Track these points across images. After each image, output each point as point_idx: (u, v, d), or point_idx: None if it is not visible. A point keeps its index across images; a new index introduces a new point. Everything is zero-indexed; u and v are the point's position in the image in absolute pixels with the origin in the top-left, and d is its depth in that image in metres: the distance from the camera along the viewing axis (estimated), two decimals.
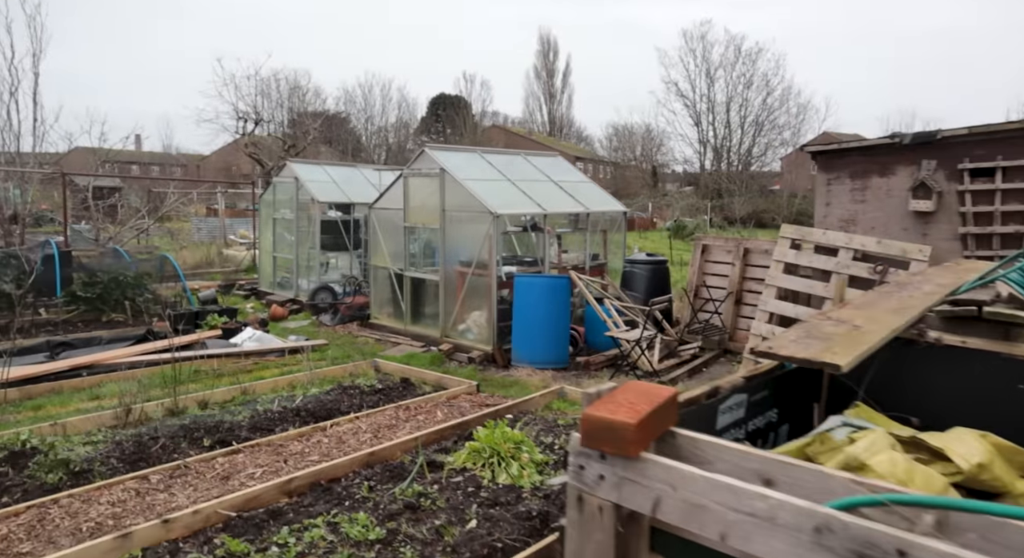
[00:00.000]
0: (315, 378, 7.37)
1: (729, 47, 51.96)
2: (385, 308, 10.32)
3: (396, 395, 6.76)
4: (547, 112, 71.97)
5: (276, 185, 12.16)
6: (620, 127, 64.06)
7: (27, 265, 9.13)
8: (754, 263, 8.95)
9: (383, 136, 65.42)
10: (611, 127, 64.41)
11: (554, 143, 64.32)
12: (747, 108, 52.60)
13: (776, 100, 52.21)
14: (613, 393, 1.54)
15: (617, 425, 1.38)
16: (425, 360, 8.46)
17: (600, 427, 1.41)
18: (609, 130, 63.42)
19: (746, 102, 52.51)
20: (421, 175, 9.21)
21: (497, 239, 8.34)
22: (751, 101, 52.45)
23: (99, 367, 7.69)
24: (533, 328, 8.17)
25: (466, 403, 6.45)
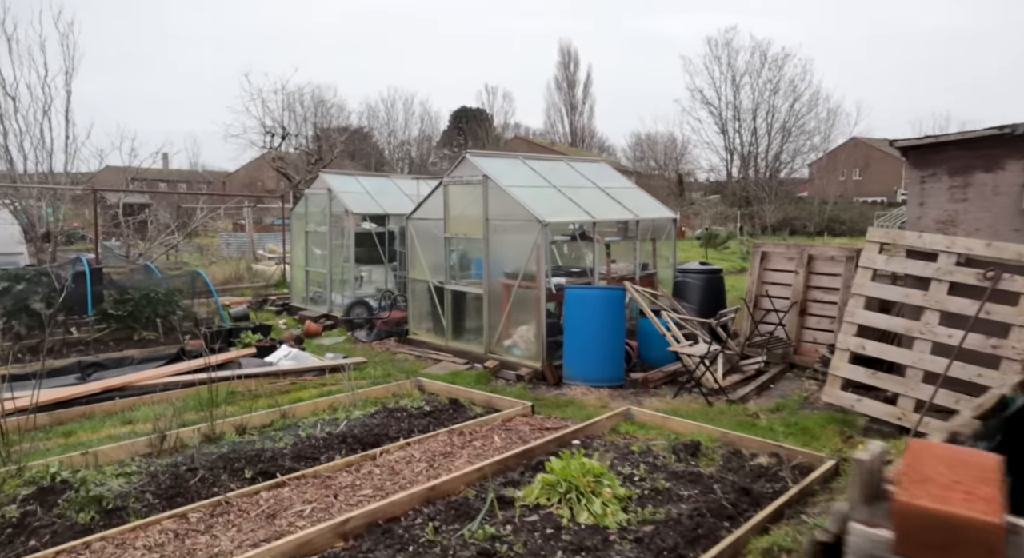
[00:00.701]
0: (357, 399, 6.91)
1: (755, 53, 51.25)
2: (424, 323, 9.86)
3: (446, 418, 6.27)
4: (568, 123, 71.64)
5: (308, 197, 11.82)
6: (643, 136, 63.53)
7: (58, 283, 8.82)
8: (819, 271, 8.36)
9: (406, 150, 65.58)
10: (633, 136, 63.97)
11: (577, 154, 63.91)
12: (774, 114, 51.74)
13: (804, 105, 51.26)
14: (913, 464, 1.02)
15: (971, 525, 0.85)
16: (470, 378, 7.98)
17: (936, 526, 0.88)
18: (631, 139, 62.84)
19: (773, 108, 51.65)
20: (462, 183, 8.77)
21: (545, 249, 7.86)
22: (778, 107, 51.57)
23: (131, 389, 7.32)
24: (586, 343, 7.66)
25: (524, 427, 5.94)
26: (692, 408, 6.62)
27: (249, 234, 20.59)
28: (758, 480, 4.47)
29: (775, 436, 5.56)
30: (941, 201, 5.32)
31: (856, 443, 5.31)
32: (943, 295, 5.06)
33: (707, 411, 6.51)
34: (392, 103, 62.53)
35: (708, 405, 6.67)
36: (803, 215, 43.13)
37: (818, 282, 8.32)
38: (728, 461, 4.76)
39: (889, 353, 5.43)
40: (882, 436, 5.36)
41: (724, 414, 6.41)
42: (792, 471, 4.59)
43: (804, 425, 5.81)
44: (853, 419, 5.73)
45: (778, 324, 8.22)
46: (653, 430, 5.61)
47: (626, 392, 7.43)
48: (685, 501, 4.13)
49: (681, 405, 6.73)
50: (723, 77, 52.44)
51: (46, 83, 14.62)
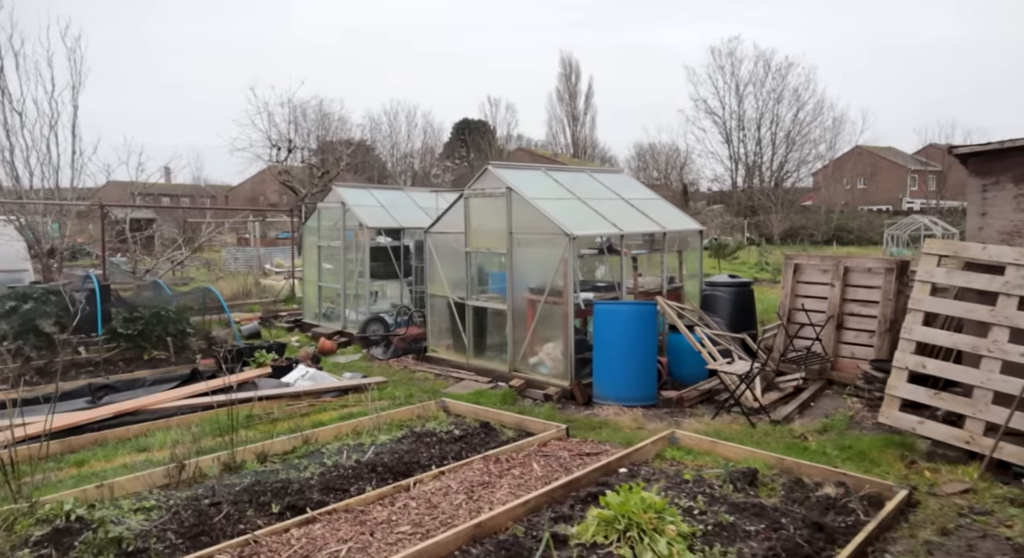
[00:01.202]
0: (381, 423, 6.60)
1: (758, 63, 51.30)
2: (443, 340, 9.56)
3: (478, 443, 5.95)
4: (570, 134, 71.67)
5: (321, 211, 11.55)
6: (644, 147, 63.45)
7: (71, 303, 8.54)
8: (855, 283, 8.06)
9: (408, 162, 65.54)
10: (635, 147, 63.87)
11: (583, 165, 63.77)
12: (778, 123, 51.65)
13: (808, 114, 51.21)
14: None
15: None
16: (495, 398, 7.66)
17: None
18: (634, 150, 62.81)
19: (777, 117, 51.59)
20: (484, 195, 8.49)
21: (574, 263, 7.56)
22: (782, 116, 51.53)
23: (145, 413, 7.01)
24: (618, 361, 7.35)
25: (562, 452, 5.62)
26: (734, 430, 6.30)
27: (256, 249, 20.32)
28: (827, 513, 4.15)
29: (830, 461, 5.24)
30: (1006, 211, 5.03)
31: (921, 469, 4.99)
32: (1012, 310, 4.76)
33: (751, 433, 6.19)
34: (395, 116, 62.52)
35: (751, 426, 6.35)
36: (810, 224, 42.86)
37: (854, 295, 8.02)
38: (791, 491, 4.44)
39: (952, 372, 5.12)
40: (948, 461, 5.05)
41: (770, 436, 6.09)
42: (861, 502, 4.26)
43: (859, 448, 5.49)
44: (912, 442, 5.41)
45: (815, 339, 7.91)
46: (702, 456, 5.29)
47: (660, 412, 7.11)
48: (754, 538, 3.81)
49: (722, 427, 6.41)
50: (727, 87, 52.49)
51: (53, 98, 14.42)
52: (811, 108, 51.04)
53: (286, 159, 24.47)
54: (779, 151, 52.15)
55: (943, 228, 30.24)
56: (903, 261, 7.84)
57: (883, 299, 7.72)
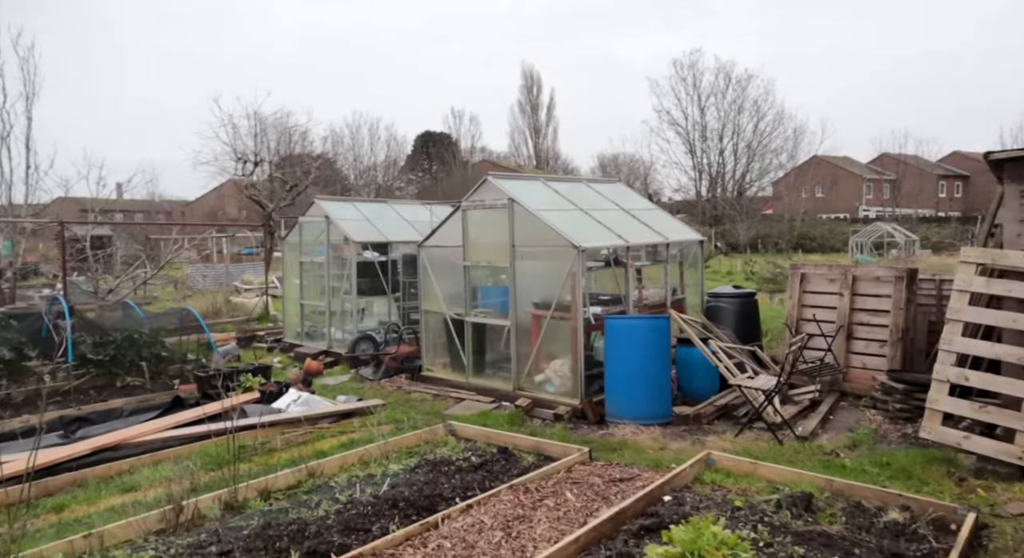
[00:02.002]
0: (389, 450, 6.18)
1: (719, 75, 52.22)
2: (439, 358, 9.16)
3: (499, 470, 5.57)
4: (533, 146, 71.91)
5: (303, 225, 11.05)
6: (606, 158, 63.97)
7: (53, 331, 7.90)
8: (863, 292, 7.95)
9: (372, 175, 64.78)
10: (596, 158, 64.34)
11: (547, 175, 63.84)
12: (739, 134, 52.59)
13: (768, 125, 52.29)
14: None
15: None
16: (502, 419, 7.30)
17: None
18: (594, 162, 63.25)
19: (738, 128, 52.55)
20: (484, 207, 8.16)
21: (582, 276, 7.27)
22: (743, 127, 52.49)
23: (126, 447, 6.44)
24: (632, 377, 7.06)
25: (593, 478, 5.28)
26: (762, 448, 6.05)
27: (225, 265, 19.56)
28: (897, 540, 3.90)
29: (874, 480, 5.02)
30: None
31: (973, 487, 4.80)
32: None
33: (780, 450, 5.95)
34: (357, 128, 61.60)
35: (778, 443, 6.11)
36: (774, 232, 43.56)
37: (863, 304, 7.91)
38: (852, 516, 4.18)
39: (997, 384, 4.96)
40: (1000, 478, 4.87)
41: (800, 453, 5.86)
42: (929, 526, 4.03)
43: (899, 465, 5.29)
44: (954, 457, 5.23)
45: (827, 350, 7.75)
46: (743, 478, 5.02)
47: (678, 430, 6.84)
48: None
49: (748, 444, 6.16)
50: (689, 98, 53.28)
51: (4, 109, 13.61)
52: (771, 119, 52.21)
53: (252, 173, 23.71)
54: (741, 161, 53.11)
55: (904, 235, 30.99)
56: (912, 269, 7.77)
57: (894, 308, 7.62)
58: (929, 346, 7.90)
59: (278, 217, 23.81)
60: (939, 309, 8.11)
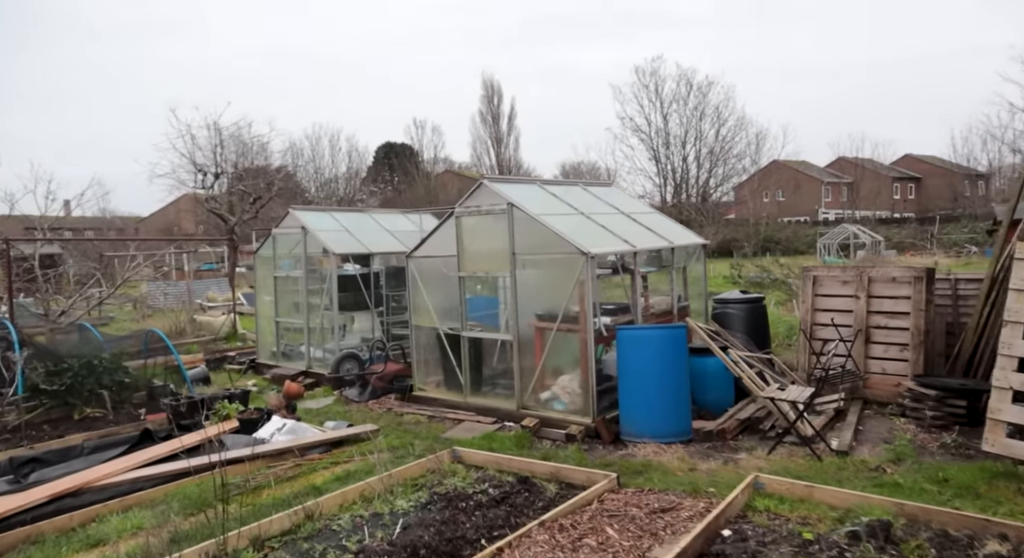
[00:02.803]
0: (394, 484, 5.54)
1: (681, 82, 52.55)
2: (431, 376, 8.53)
3: (522, 503, 4.99)
4: (495, 155, 71.66)
5: (276, 238, 10.31)
6: (568, 166, 64.02)
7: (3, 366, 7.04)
8: (879, 294, 7.61)
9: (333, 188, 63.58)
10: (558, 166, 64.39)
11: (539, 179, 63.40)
12: (702, 140, 53.01)
13: (730, 131, 52.80)
14: None
15: None
16: (508, 442, 6.72)
17: None
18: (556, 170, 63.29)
19: (701, 134, 52.96)
20: (480, 213, 7.59)
21: (592, 284, 6.75)
22: (705, 133, 52.93)
23: (90, 491, 5.66)
24: (648, 392, 6.56)
25: (631, 509, 4.74)
26: (801, 466, 5.61)
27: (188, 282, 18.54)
28: None
29: (939, 500, 4.60)
30: None
31: None
32: None
33: (820, 468, 5.51)
34: (317, 139, 60.27)
35: (817, 460, 5.67)
36: (740, 236, 43.90)
37: (879, 306, 7.57)
38: (943, 549, 3.72)
39: None
40: None
41: (844, 471, 5.42)
42: None
43: (961, 482, 4.88)
44: (1016, 471, 4.84)
45: (847, 355, 7.37)
46: (799, 504, 4.53)
47: (702, 448, 6.36)
48: None
49: (785, 462, 5.71)
50: (652, 105, 53.53)
51: None
52: (732, 124, 52.73)
53: (213, 185, 22.65)
54: (704, 166, 53.51)
55: (870, 235, 31.41)
56: (930, 269, 7.46)
57: (914, 310, 7.29)
58: (948, 349, 7.60)
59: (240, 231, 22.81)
60: (955, 310, 7.83)
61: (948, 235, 39.01)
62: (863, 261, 27.23)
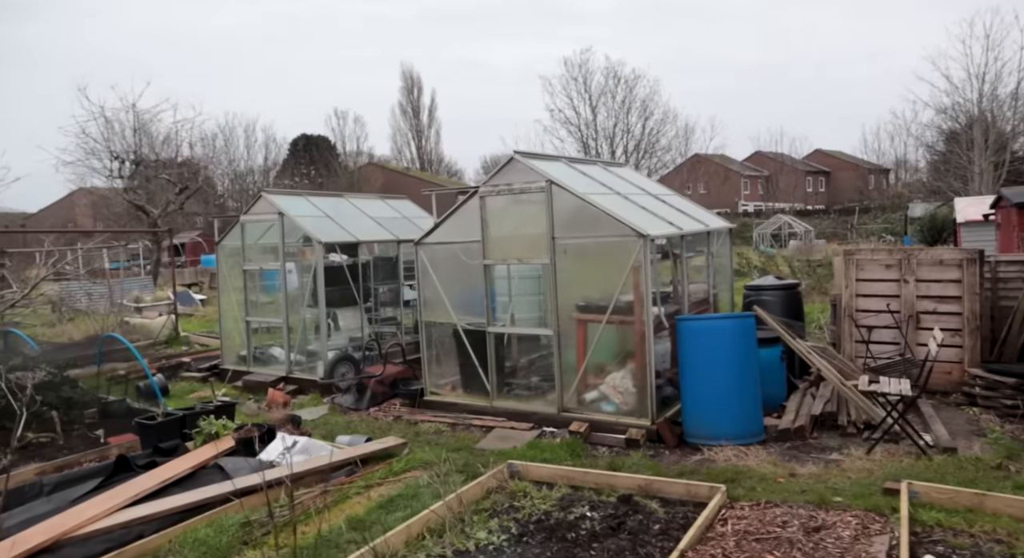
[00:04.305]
0: (462, 511, 4.62)
1: (608, 75, 52.81)
2: (446, 378, 7.57)
3: (637, 529, 4.19)
4: (416, 148, 70.12)
5: (246, 226, 8.99)
6: (488, 160, 63.32)
7: None
8: (925, 278, 7.28)
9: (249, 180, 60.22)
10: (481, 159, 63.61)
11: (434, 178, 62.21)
12: (630, 133, 53.52)
13: (656, 124, 53.56)
14: None
15: None
16: (560, 451, 5.92)
17: None
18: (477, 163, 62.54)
19: (629, 127, 53.45)
20: (511, 193, 6.70)
21: (649, 270, 6.01)
22: (633, 126, 53.45)
23: (69, 544, 4.43)
24: (718, 389, 5.91)
25: (775, 528, 4.03)
26: (912, 466, 5.09)
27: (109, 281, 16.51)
28: None
29: None
30: None
31: None
32: None
33: (936, 467, 5.01)
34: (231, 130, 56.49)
35: (927, 459, 5.17)
36: None
37: (927, 290, 7.23)
38: None
39: None
40: None
41: (964, 470, 4.93)
42: None
43: None
44: None
45: (902, 342, 6.99)
46: (973, 517, 3.95)
47: (782, 448, 5.77)
48: None
49: (889, 462, 5.20)
50: (580, 97, 53.55)
51: None
52: (659, 118, 53.52)
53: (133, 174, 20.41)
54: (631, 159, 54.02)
55: (804, 227, 32.44)
56: (980, 251, 7.17)
57: (968, 293, 6.98)
58: (992, 334, 7.35)
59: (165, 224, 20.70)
60: (995, 293, 7.60)
61: (865, 225, 40.99)
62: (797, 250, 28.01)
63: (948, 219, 29.16)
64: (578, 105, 53.53)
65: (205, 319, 16.25)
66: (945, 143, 40.40)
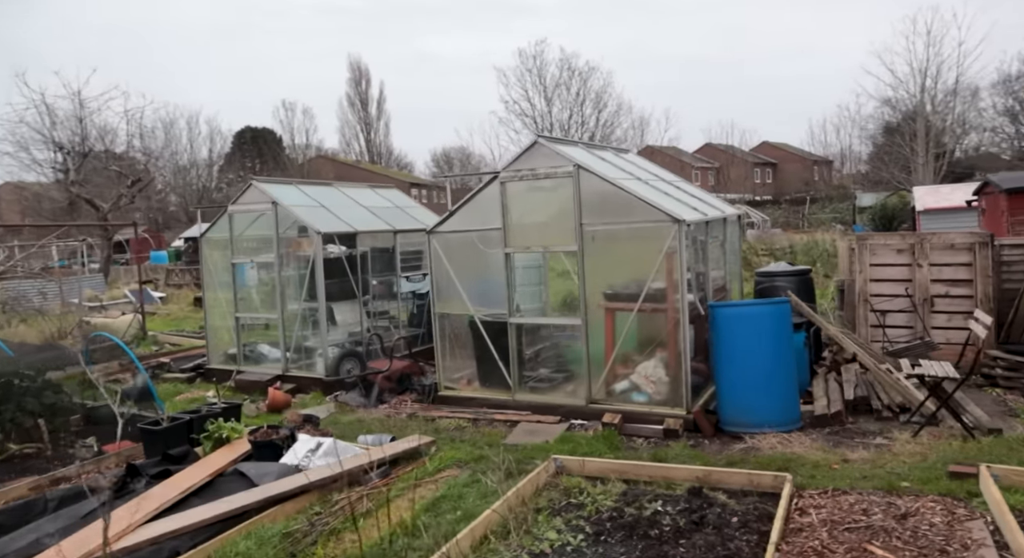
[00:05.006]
0: (524, 510, 4.37)
1: (563, 67, 52.82)
2: (461, 372, 7.29)
3: (718, 522, 4.02)
4: (364, 141, 68.91)
5: (234, 217, 8.45)
6: (438, 153, 62.79)
7: None
8: (936, 261, 7.37)
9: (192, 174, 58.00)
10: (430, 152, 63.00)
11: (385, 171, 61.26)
12: (585, 125, 53.70)
13: (611, 116, 53.90)
14: None
15: None
16: (596, 443, 5.75)
17: None
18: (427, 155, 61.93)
19: (583, 119, 53.62)
20: (534, 178, 6.44)
21: (684, 257, 5.86)
22: (588, 118, 53.65)
23: None
24: (756, 376, 5.81)
25: (862, 517, 3.92)
26: (963, 448, 5.08)
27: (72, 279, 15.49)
28: None
29: None
30: None
31: None
32: None
33: (989, 448, 5.00)
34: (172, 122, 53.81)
35: (975, 441, 5.18)
36: None
37: (939, 274, 7.32)
38: None
39: None
40: None
41: (1016, 451, 4.94)
42: None
43: None
44: None
45: (923, 326, 7.04)
46: None
47: (823, 433, 5.71)
48: None
49: (938, 445, 5.18)
50: (535, 89, 53.39)
51: None
52: (613, 110, 53.87)
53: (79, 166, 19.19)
54: None
55: (761, 216, 33.12)
56: (991, 234, 7.29)
57: (981, 276, 7.09)
58: (1000, 316, 7.50)
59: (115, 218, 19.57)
60: (997, 276, 7.75)
61: (815, 215, 42.24)
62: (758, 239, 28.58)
63: (899, 208, 30.30)
64: (533, 97, 53.36)
65: (170, 317, 15.43)
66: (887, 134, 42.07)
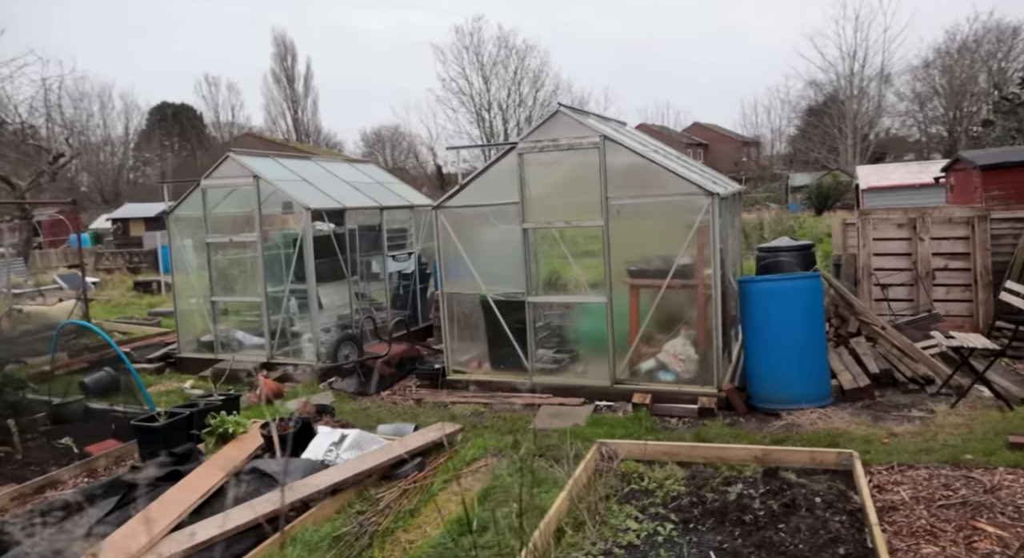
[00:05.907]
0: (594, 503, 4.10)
1: (500, 45, 52.11)
2: (470, 354, 6.93)
3: (809, 505, 3.86)
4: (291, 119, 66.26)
5: (208, 192, 7.71)
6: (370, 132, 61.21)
7: None
8: (936, 235, 7.49)
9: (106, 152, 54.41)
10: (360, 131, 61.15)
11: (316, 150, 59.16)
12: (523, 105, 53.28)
13: (548, 95, 53.66)
14: None
15: None
16: (630, 425, 5.59)
17: None
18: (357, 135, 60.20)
19: (521, 98, 53.17)
20: (556, 149, 6.10)
21: (717, 231, 5.68)
22: (526, 97, 53.24)
23: None
24: (791, 352, 5.74)
25: (947, 492, 3.84)
26: (995, 419, 5.13)
27: None
28: None
29: None
30: None
31: None
32: None
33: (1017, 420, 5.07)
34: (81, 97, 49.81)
35: (1010, 410, 5.24)
36: None
37: (938, 248, 7.45)
38: None
39: None
40: None
41: None
42: None
43: None
44: None
45: (929, 298, 7.15)
46: None
47: (857, 408, 5.70)
48: None
49: (983, 416, 5.21)
50: (472, 67, 52.51)
51: None
52: (551, 89, 53.62)
53: None
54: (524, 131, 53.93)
55: None
56: (989, 208, 7.45)
57: (980, 249, 7.25)
58: (996, 289, 7.71)
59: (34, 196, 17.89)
60: None
61: (748, 194, 43.53)
62: None
63: (833, 187, 31.55)
64: (471, 75, 52.43)
65: (111, 304, 14.28)
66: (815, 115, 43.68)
